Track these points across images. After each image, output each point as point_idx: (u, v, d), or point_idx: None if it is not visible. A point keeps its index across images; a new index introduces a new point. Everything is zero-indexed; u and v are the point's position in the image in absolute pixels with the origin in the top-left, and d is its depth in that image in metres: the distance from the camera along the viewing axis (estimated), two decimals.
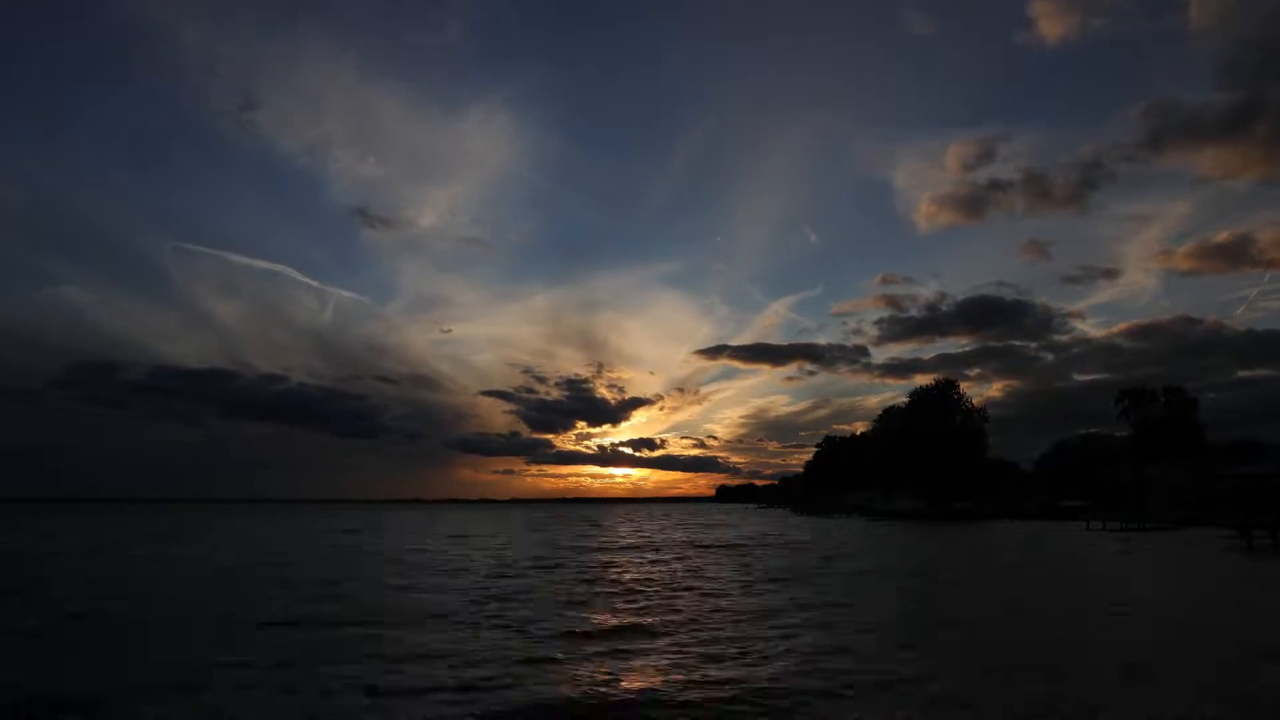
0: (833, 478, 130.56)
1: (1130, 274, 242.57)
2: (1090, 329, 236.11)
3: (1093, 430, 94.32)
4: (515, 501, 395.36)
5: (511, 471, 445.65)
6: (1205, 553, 30.66)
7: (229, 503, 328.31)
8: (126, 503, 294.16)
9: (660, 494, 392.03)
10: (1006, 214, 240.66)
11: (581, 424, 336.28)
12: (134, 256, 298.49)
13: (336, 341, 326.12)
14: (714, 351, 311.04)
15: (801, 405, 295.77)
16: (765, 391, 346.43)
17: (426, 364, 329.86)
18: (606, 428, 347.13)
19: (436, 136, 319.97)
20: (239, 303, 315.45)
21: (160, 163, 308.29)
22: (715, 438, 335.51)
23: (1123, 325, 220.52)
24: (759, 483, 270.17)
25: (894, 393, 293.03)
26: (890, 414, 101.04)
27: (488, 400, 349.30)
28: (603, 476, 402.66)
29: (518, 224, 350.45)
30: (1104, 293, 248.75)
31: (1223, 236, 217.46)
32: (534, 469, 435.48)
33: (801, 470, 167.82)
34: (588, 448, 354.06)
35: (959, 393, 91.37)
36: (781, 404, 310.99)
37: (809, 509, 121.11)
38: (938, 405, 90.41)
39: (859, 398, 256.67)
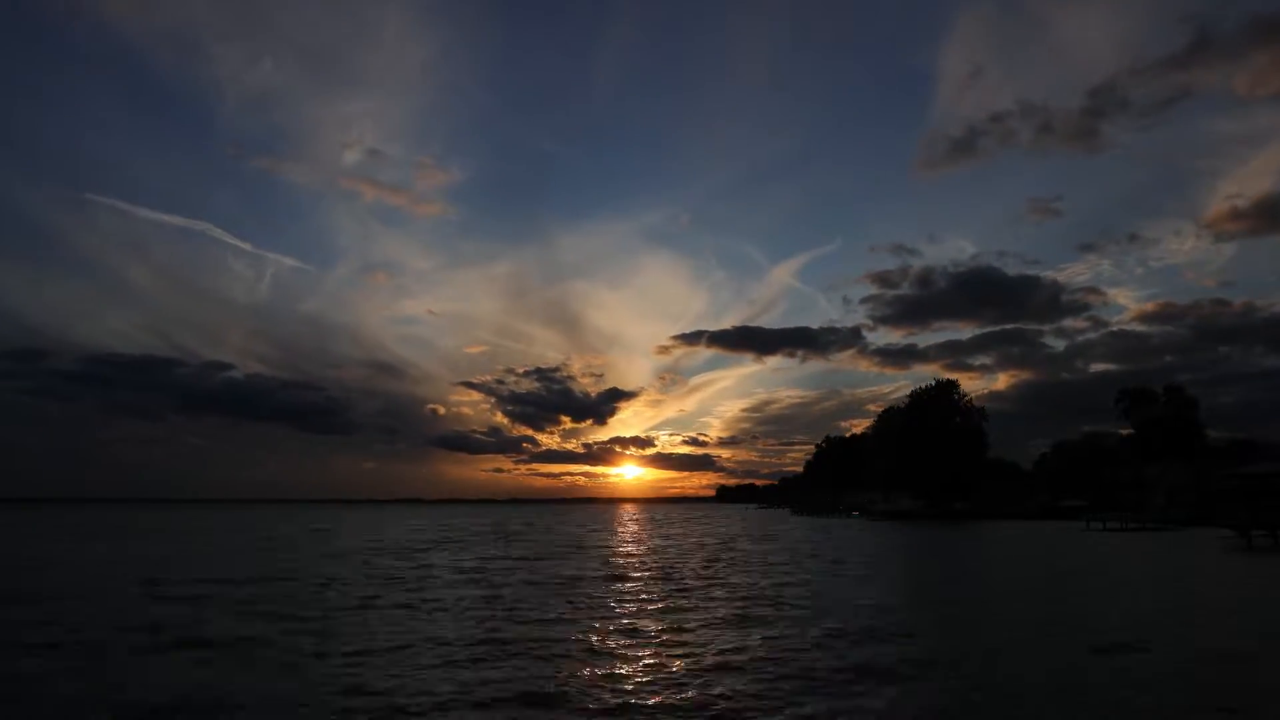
0: (833, 478, 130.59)
1: (1157, 238, 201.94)
2: (1113, 298, 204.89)
3: (1099, 428, 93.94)
4: (516, 501, 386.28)
5: (501, 470, 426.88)
6: (1205, 552, 30.60)
7: (208, 503, 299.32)
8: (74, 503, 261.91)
9: (657, 494, 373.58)
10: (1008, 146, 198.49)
11: (565, 419, 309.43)
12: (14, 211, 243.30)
13: (280, 319, 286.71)
14: (692, 338, 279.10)
15: (797, 398, 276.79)
16: (758, 384, 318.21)
17: (384, 348, 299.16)
18: (590, 422, 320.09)
19: (339, 22, 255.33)
20: (160, 272, 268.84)
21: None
22: (707, 435, 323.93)
23: (1135, 311, 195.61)
24: (758, 482, 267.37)
25: (892, 384, 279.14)
26: (890, 414, 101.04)
27: (460, 392, 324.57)
28: (596, 475, 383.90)
29: (460, 157, 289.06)
30: (1125, 262, 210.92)
31: (1270, 185, 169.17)
32: (523, 468, 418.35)
33: (800, 470, 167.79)
34: (574, 446, 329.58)
35: (959, 393, 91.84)
36: (776, 398, 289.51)
37: (809, 509, 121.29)
38: (937, 405, 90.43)
39: (856, 389, 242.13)
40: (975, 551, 33.60)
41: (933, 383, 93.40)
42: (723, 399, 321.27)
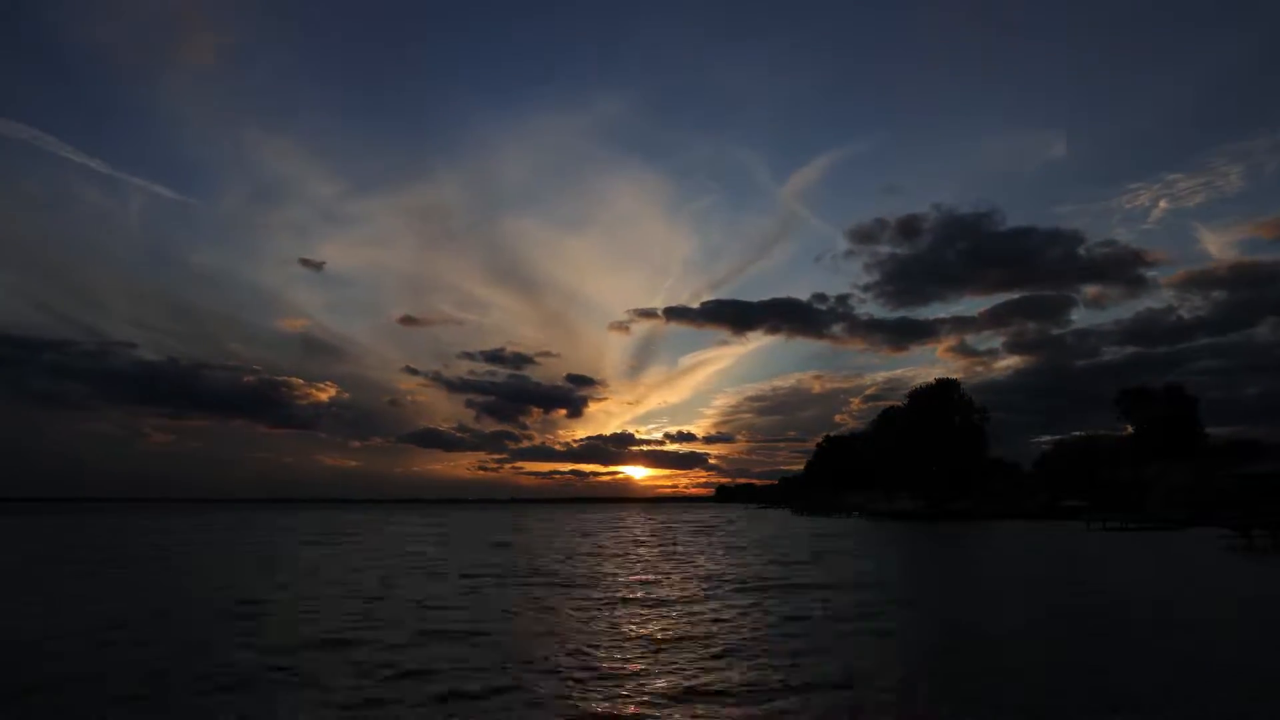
0: (833, 478, 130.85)
1: (1205, 166, 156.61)
2: (1150, 256, 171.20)
3: (1111, 424, 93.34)
4: (518, 502, 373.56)
5: (485, 468, 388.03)
6: (1205, 552, 30.60)
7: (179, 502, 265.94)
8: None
9: (652, 493, 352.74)
10: None
11: (536, 410, 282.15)
12: None
13: (170, 279, 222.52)
14: (647, 314, 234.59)
15: (788, 390, 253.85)
16: (743, 373, 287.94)
17: (304, 314, 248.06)
18: (564, 413, 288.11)
19: None
20: None
21: None
22: (692, 429, 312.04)
23: (1170, 278, 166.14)
24: (756, 482, 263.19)
25: (892, 370, 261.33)
26: (889, 413, 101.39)
27: (407, 380, 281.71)
28: (586, 474, 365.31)
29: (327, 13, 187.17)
30: (1161, 205, 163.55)
31: None
32: (507, 467, 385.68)
33: (792, 467, 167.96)
34: (554, 441, 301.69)
35: (959, 392, 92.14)
36: (766, 391, 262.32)
37: (810, 509, 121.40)
38: (937, 405, 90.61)
39: (850, 379, 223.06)
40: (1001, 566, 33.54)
41: (932, 381, 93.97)
42: (708, 390, 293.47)
